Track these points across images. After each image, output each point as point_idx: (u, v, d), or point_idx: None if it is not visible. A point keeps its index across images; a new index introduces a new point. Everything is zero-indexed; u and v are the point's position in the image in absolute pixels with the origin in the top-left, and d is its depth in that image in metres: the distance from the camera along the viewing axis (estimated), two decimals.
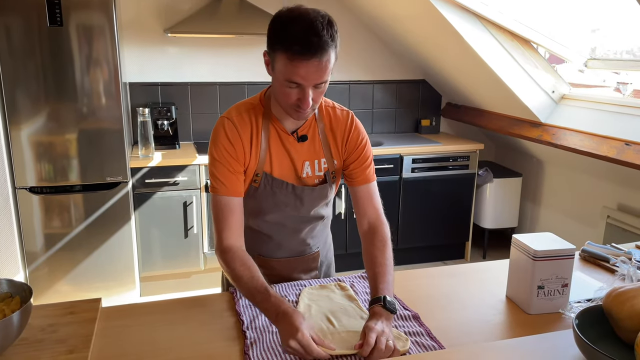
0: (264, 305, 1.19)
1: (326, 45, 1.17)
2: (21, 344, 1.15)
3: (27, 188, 2.95)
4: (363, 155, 1.45)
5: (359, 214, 1.48)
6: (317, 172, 1.44)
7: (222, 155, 1.35)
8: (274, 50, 1.21)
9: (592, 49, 3.23)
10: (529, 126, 3.37)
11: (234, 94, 3.80)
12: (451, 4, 3.02)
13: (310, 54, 1.16)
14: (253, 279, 1.25)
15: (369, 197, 1.47)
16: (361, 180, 1.46)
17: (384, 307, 1.19)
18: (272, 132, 1.39)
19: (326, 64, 1.19)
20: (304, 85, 1.21)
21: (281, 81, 1.23)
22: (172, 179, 3.22)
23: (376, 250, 1.38)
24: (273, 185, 1.40)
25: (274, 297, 1.20)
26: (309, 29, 1.16)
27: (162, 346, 1.18)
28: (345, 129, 1.45)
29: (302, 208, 1.45)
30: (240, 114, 1.38)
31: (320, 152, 1.43)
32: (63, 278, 3.10)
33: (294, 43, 1.16)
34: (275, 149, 1.39)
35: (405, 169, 3.62)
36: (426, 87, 4.24)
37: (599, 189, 3.25)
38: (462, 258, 4.01)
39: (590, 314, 1.12)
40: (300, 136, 1.40)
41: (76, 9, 2.79)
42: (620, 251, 1.68)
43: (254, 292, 1.23)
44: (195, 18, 3.35)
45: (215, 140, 1.37)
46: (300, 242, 1.53)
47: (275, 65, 1.23)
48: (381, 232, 1.42)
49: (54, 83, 2.86)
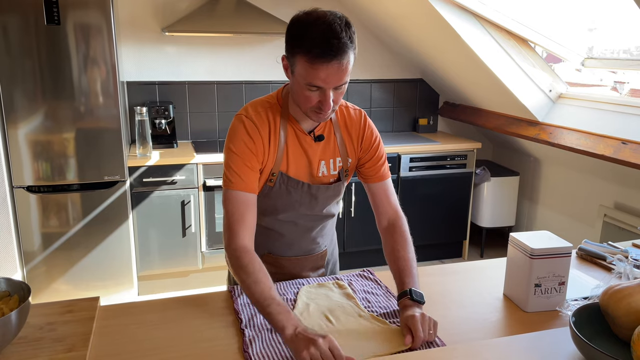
0: (284, 317, 1.14)
1: (345, 47, 1.18)
2: (19, 342, 1.15)
3: (24, 187, 2.95)
4: (378, 154, 1.49)
5: (377, 212, 1.51)
6: (332, 171, 1.45)
7: (241, 149, 1.33)
8: (293, 54, 1.22)
9: (589, 48, 3.24)
10: (526, 125, 3.38)
11: (232, 93, 3.80)
12: (449, 2, 3.03)
13: (330, 57, 1.17)
14: (272, 289, 1.21)
15: (386, 195, 1.50)
16: (377, 178, 1.49)
17: (411, 299, 1.25)
18: (290, 131, 1.39)
19: (346, 65, 1.20)
20: (325, 87, 1.22)
21: (301, 85, 1.24)
22: (170, 178, 3.22)
23: (398, 245, 1.42)
24: (288, 185, 1.41)
25: (291, 312, 1.18)
26: (328, 31, 1.16)
27: (160, 344, 1.18)
28: (360, 128, 1.47)
29: (316, 207, 1.46)
30: (258, 113, 1.37)
31: (335, 151, 1.45)
32: (61, 277, 3.10)
33: (313, 47, 1.17)
34: (293, 149, 1.39)
35: (403, 168, 3.63)
36: (424, 86, 4.24)
37: (596, 187, 3.26)
38: (460, 257, 4.02)
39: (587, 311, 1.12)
40: (317, 136, 1.41)
41: (74, 7, 2.79)
42: (617, 249, 1.69)
43: (269, 301, 1.18)
44: (193, 17, 3.35)
45: (234, 135, 1.35)
46: (311, 240, 1.54)
47: (294, 69, 1.24)
48: (401, 228, 1.46)
49: (52, 82, 2.85)
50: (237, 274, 1.27)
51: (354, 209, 3.56)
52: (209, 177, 3.28)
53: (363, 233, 3.62)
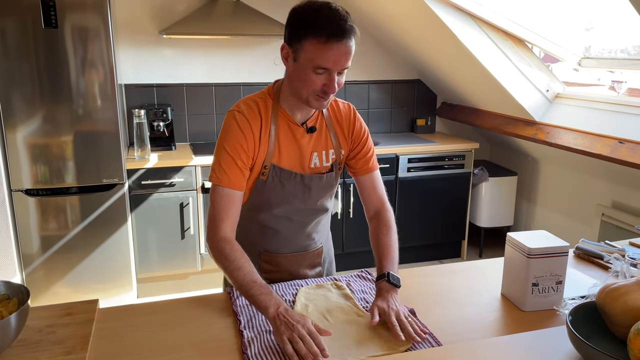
0: (266, 297, 1.22)
1: (353, 30, 1.26)
2: (19, 345, 1.15)
3: (23, 190, 2.95)
4: (367, 146, 1.53)
5: (365, 202, 1.57)
6: (324, 162, 1.48)
7: (233, 147, 1.36)
8: (300, 39, 1.26)
9: (586, 47, 3.24)
10: (523, 125, 3.39)
11: (230, 95, 3.80)
12: (445, 3, 3.03)
13: (341, 37, 1.23)
14: (254, 273, 1.29)
15: (373, 186, 1.56)
16: (365, 170, 1.54)
17: (388, 282, 1.32)
18: (282, 123, 1.41)
19: (352, 48, 1.27)
20: (332, 69, 1.26)
21: (307, 69, 1.27)
22: (169, 180, 3.22)
23: (380, 233, 1.48)
24: (281, 177, 1.43)
25: (273, 292, 1.25)
26: (337, 15, 1.24)
27: (159, 347, 1.18)
28: (350, 122, 1.51)
29: (309, 199, 1.48)
30: (249, 107, 1.40)
31: (328, 143, 1.48)
32: (60, 280, 3.10)
33: (326, 27, 1.22)
34: (285, 140, 1.42)
35: (401, 169, 3.63)
36: (421, 87, 4.25)
37: (594, 187, 3.26)
38: (459, 257, 4.02)
39: (584, 310, 1.13)
40: (310, 127, 1.44)
41: (71, 10, 2.79)
42: (614, 248, 1.70)
43: (250, 285, 1.25)
44: (191, 19, 3.35)
45: (227, 132, 1.38)
46: (306, 236, 1.56)
47: (300, 54, 1.27)
48: (385, 217, 1.52)
49: (50, 85, 2.85)
50: (220, 262, 1.33)
51: (352, 209, 3.57)
52: (207, 179, 3.29)
53: (361, 234, 3.62)
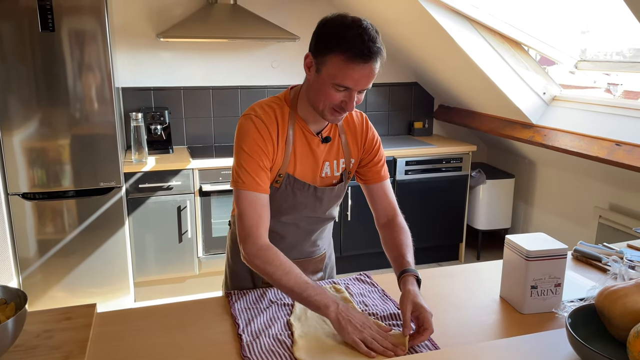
0: (322, 297, 1.21)
1: (380, 52, 1.23)
2: (16, 350, 1.14)
3: (19, 194, 2.94)
4: (379, 155, 1.52)
5: (375, 209, 1.54)
6: (335, 172, 1.47)
7: (253, 149, 1.31)
8: (325, 53, 1.23)
9: (582, 50, 3.25)
10: (520, 127, 3.40)
11: (228, 98, 3.80)
12: (442, 7, 3.04)
13: (367, 59, 1.21)
14: (302, 275, 1.27)
15: (385, 194, 1.53)
16: (377, 179, 1.52)
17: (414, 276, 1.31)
18: (298, 132, 1.39)
19: (376, 71, 1.25)
20: (353, 89, 1.24)
21: (327, 83, 1.25)
22: (166, 184, 3.22)
23: (395, 234, 1.46)
24: (294, 187, 1.41)
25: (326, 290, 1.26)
26: (367, 35, 1.20)
27: (157, 351, 1.18)
28: (362, 131, 1.49)
29: (319, 209, 1.47)
30: (266, 112, 1.36)
31: (339, 153, 1.46)
32: (57, 284, 3.09)
33: (354, 46, 1.19)
34: (300, 149, 1.40)
35: (398, 171, 3.63)
36: (418, 90, 4.25)
37: (591, 189, 3.27)
38: (457, 259, 4.02)
39: (583, 312, 1.13)
40: (325, 137, 1.42)
41: (68, 14, 2.79)
42: (612, 250, 1.70)
43: (304, 287, 1.24)
44: (188, 22, 3.35)
45: (245, 135, 1.33)
46: (312, 243, 1.55)
47: (322, 67, 1.25)
48: (400, 221, 1.51)
49: (47, 88, 2.85)
50: (265, 270, 1.28)
51: (350, 212, 3.57)
52: (205, 183, 3.28)
53: (360, 237, 3.62)
